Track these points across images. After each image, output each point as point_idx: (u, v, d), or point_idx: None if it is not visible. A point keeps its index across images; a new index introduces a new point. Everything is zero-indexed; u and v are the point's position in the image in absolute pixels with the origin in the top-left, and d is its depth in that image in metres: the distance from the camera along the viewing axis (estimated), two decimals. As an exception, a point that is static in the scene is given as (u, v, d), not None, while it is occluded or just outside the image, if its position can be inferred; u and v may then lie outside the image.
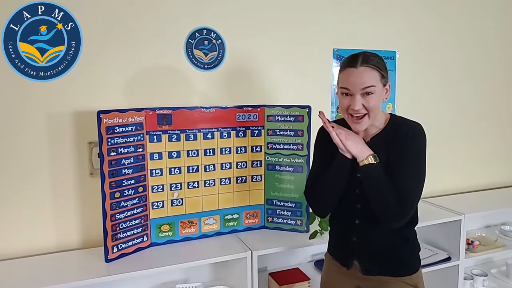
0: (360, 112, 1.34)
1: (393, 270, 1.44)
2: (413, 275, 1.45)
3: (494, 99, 2.87)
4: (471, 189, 2.84)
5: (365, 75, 1.32)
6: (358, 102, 1.33)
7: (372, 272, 1.45)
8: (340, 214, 1.51)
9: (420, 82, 2.58)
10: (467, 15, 2.69)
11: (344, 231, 1.50)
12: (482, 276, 2.47)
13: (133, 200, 1.78)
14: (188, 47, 2.00)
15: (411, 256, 1.48)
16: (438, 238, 2.39)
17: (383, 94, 1.38)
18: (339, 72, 1.40)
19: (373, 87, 1.33)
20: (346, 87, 1.35)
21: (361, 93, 1.33)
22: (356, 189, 1.42)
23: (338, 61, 2.33)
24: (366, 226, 1.43)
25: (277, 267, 2.18)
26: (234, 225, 2.03)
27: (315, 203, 1.52)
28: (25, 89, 1.76)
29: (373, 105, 1.34)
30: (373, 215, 1.39)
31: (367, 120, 1.36)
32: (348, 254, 1.49)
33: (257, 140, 2.03)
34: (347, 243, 1.48)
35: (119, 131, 1.71)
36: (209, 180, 1.96)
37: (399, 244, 1.44)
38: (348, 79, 1.34)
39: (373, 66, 1.34)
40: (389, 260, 1.44)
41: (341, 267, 1.51)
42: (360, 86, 1.32)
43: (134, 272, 1.65)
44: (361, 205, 1.43)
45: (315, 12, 2.25)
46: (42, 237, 1.84)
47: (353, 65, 1.34)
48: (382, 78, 1.36)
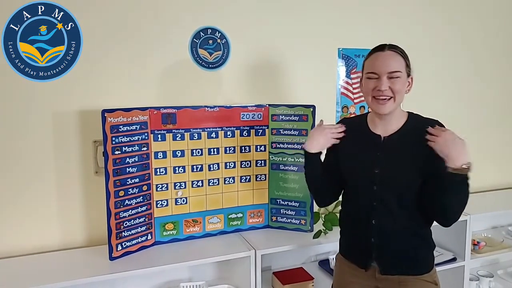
0: (386, 94, 1.35)
1: (412, 269, 1.44)
2: (431, 272, 1.46)
3: (504, 98, 2.84)
4: (480, 189, 2.81)
5: (392, 59, 1.36)
6: (385, 83, 1.35)
7: (391, 272, 1.44)
8: (354, 213, 1.49)
9: (428, 81, 2.56)
10: (475, 13, 2.67)
11: (361, 232, 1.47)
12: (488, 277, 2.45)
13: (138, 198, 1.79)
14: (192, 47, 2.01)
15: (428, 255, 1.48)
16: (444, 238, 2.37)
17: (406, 84, 1.40)
18: (365, 60, 1.43)
19: (399, 73, 1.36)
20: (373, 71, 1.37)
21: (388, 76, 1.35)
22: (374, 186, 1.40)
23: (343, 60, 2.32)
24: (384, 226, 1.42)
25: (281, 267, 2.19)
26: (238, 224, 2.04)
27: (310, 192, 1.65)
28: (25, 89, 1.76)
29: (398, 88, 1.36)
30: (390, 214, 1.39)
31: (392, 104, 1.37)
32: (366, 256, 1.46)
33: (261, 140, 2.03)
34: (365, 244, 1.46)
35: (123, 130, 1.72)
36: (213, 179, 1.96)
37: (418, 244, 1.44)
38: (375, 63, 1.37)
39: (399, 52, 1.38)
40: (407, 260, 1.44)
41: (358, 268, 1.50)
42: (387, 69, 1.35)
43: (138, 270, 1.66)
44: (378, 204, 1.41)
45: (320, 11, 2.24)
46: (47, 235, 1.86)
47: (381, 49, 1.38)
48: (407, 66, 1.39)
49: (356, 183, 1.48)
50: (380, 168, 1.40)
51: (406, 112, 1.47)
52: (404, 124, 1.43)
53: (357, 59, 2.35)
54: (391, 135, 1.43)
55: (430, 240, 1.49)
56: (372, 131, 1.47)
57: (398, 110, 1.43)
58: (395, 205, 1.39)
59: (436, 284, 1.46)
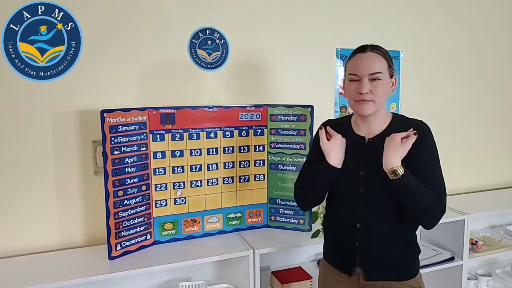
0: (366, 98, 1.34)
1: (397, 275, 1.41)
2: (416, 277, 1.44)
3: (501, 98, 2.85)
4: (478, 189, 2.82)
5: (374, 60, 1.34)
6: (365, 86, 1.33)
7: (375, 277, 1.41)
8: (339, 217, 1.46)
9: (425, 81, 2.57)
10: (476, 13, 2.68)
11: (345, 237, 1.44)
12: (486, 276, 2.46)
13: (137, 198, 1.80)
14: (191, 47, 2.02)
15: (413, 259, 1.46)
16: (442, 237, 2.38)
17: (389, 85, 1.38)
18: (348, 61, 1.41)
19: (381, 74, 1.34)
20: (355, 73, 1.35)
21: (369, 78, 1.34)
22: (359, 189, 1.39)
23: (342, 60, 2.33)
24: (369, 230, 1.39)
25: (280, 266, 2.19)
26: (237, 224, 2.04)
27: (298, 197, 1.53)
28: (25, 89, 1.77)
29: (380, 91, 1.34)
30: (375, 217, 1.37)
31: (372, 105, 1.35)
32: (350, 261, 1.43)
33: (260, 140, 2.04)
34: (349, 249, 1.43)
35: (122, 130, 1.72)
36: (212, 179, 1.97)
37: (403, 248, 1.41)
38: (357, 64, 1.35)
39: (381, 53, 1.36)
40: (393, 265, 1.41)
41: (342, 274, 1.47)
42: (368, 70, 1.33)
43: (137, 270, 1.67)
44: (363, 207, 1.39)
45: (318, 11, 2.25)
46: (46, 235, 1.86)
47: (362, 51, 1.36)
48: (389, 67, 1.37)
49: (341, 185, 1.44)
50: (364, 170, 1.39)
51: (390, 114, 1.45)
52: (388, 125, 1.41)
53: (355, 59, 2.35)
54: (374, 137, 1.41)
55: (415, 244, 1.46)
56: (356, 133, 1.45)
57: (382, 111, 1.41)
58: (380, 208, 1.37)
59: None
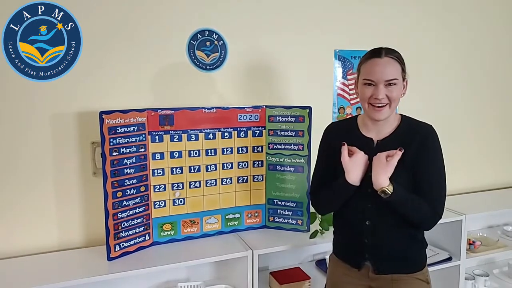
0: (383, 102, 1.37)
1: (405, 268, 1.46)
2: (423, 270, 1.49)
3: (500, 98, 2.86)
4: (476, 189, 2.83)
5: (389, 66, 1.37)
6: (381, 91, 1.36)
7: (384, 271, 1.46)
8: (348, 215, 1.51)
9: (424, 82, 2.58)
10: (475, 12, 2.69)
11: (354, 233, 1.49)
12: (483, 276, 2.47)
13: (135, 199, 1.80)
14: (190, 48, 2.02)
15: (420, 253, 1.51)
16: (440, 238, 2.39)
17: (402, 88, 1.42)
18: (361, 64, 1.43)
19: (396, 80, 1.37)
20: (370, 79, 1.38)
21: (385, 84, 1.36)
22: (368, 188, 1.42)
23: (340, 62, 2.34)
24: (377, 228, 1.44)
25: (278, 266, 2.20)
26: (236, 225, 2.05)
27: (319, 208, 1.59)
28: (25, 89, 1.77)
29: (395, 95, 1.38)
30: (383, 216, 1.42)
31: (387, 110, 1.39)
32: (359, 256, 1.49)
33: (258, 141, 2.05)
34: (359, 245, 1.48)
35: (121, 131, 1.73)
36: (211, 180, 1.98)
37: (411, 243, 1.47)
38: (373, 69, 1.37)
39: (396, 58, 1.39)
40: (401, 259, 1.46)
41: (351, 268, 1.51)
42: (385, 77, 1.36)
43: (136, 271, 1.67)
44: (372, 205, 1.43)
45: (317, 13, 2.26)
46: (45, 235, 1.87)
47: (377, 56, 1.38)
48: (402, 72, 1.40)
49: None
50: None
51: (399, 115, 1.49)
52: (397, 127, 1.45)
53: (353, 60, 2.36)
54: (384, 139, 1.44)
55: (422, 239, 1.52)
56: (364, 135, 1.48)
57: (393, 114, 1.44)
58: (388, 207, 1.40)
59: (428, 283, 1.49)
